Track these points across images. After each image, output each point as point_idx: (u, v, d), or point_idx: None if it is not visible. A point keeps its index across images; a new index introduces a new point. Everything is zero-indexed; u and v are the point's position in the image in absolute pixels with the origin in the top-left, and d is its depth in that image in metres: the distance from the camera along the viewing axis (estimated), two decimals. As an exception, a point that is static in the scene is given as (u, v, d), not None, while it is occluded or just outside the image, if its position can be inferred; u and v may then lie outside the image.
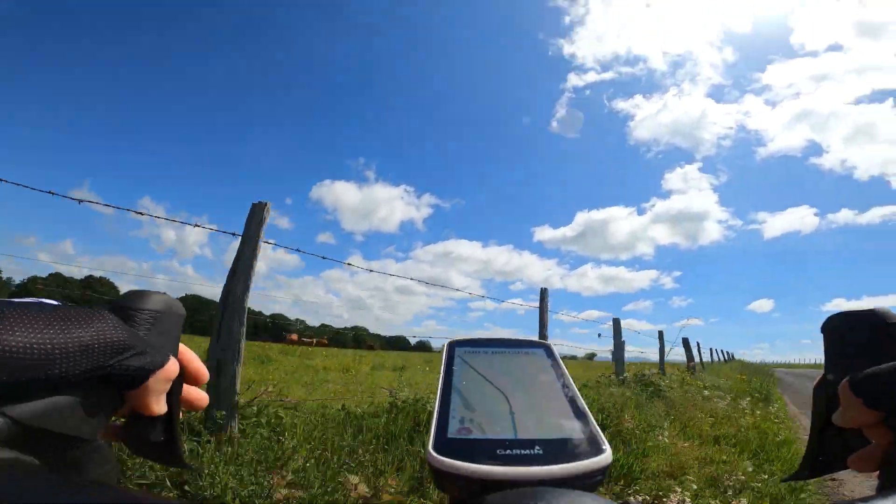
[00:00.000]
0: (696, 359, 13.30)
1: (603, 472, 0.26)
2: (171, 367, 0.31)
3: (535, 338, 0.49)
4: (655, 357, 9.61)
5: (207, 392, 0.43)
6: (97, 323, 0.27)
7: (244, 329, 2.36)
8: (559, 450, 0.27)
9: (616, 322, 6.84)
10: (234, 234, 2.55)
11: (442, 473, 0.25)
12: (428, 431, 0.32)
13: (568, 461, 0.26)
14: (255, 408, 2.36)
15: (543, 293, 4.80)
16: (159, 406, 0.31)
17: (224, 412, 2.24)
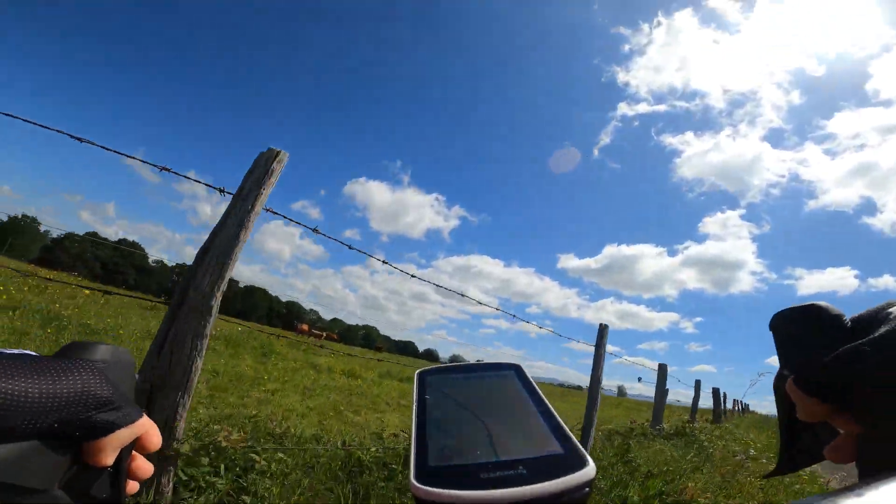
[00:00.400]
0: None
1: (589, 485, 0.26)
2: (141, 424, 0.32)
3: (504, 360, 0.42)
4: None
5: None
6: (84, 375, 0.29)
7: (205, 343, 1.52)
8: (543, 468, 0.26)
9: (662, 369, 5.96)
10: (222, 192, 1.69)
11: (429, 503, 0.25)
12: (408, 462, 0.30)
13: (553, 478, 0.25)
14: (205, 457, 1.56)
15: (603, 330, 4.00)
16: (111, 458, 0.31)
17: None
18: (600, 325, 4.09)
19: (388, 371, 13.73)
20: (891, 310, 0.30)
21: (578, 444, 0.28)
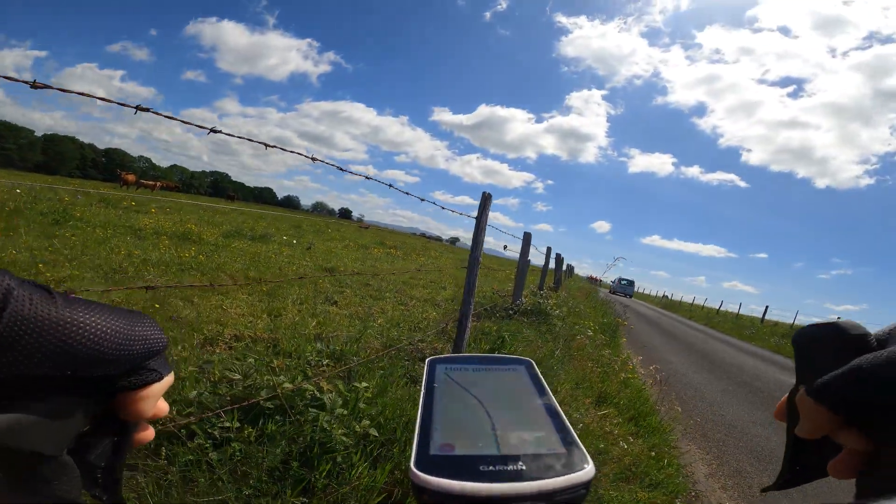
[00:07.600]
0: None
1: (586, 486, 0.25)
2: (171, 377, 0.30)
3: (516, 355, 0.43)
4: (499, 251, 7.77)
5: None
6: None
7: None
8: (542, 465, 0.26)
9: (526, 238, 5.95)
10: None
11: (425, 491, 0.25)
12: (410, 448, 0.29)
13: (550, 476, 0.25)
14: None
15: (485, 200, 3.24)
16: (152, 409, 0.29)
17: None
18: (483, 193, 3.34)
19: (238, 228, 11.72)
20: None
21: (581, 444, 0.29)
